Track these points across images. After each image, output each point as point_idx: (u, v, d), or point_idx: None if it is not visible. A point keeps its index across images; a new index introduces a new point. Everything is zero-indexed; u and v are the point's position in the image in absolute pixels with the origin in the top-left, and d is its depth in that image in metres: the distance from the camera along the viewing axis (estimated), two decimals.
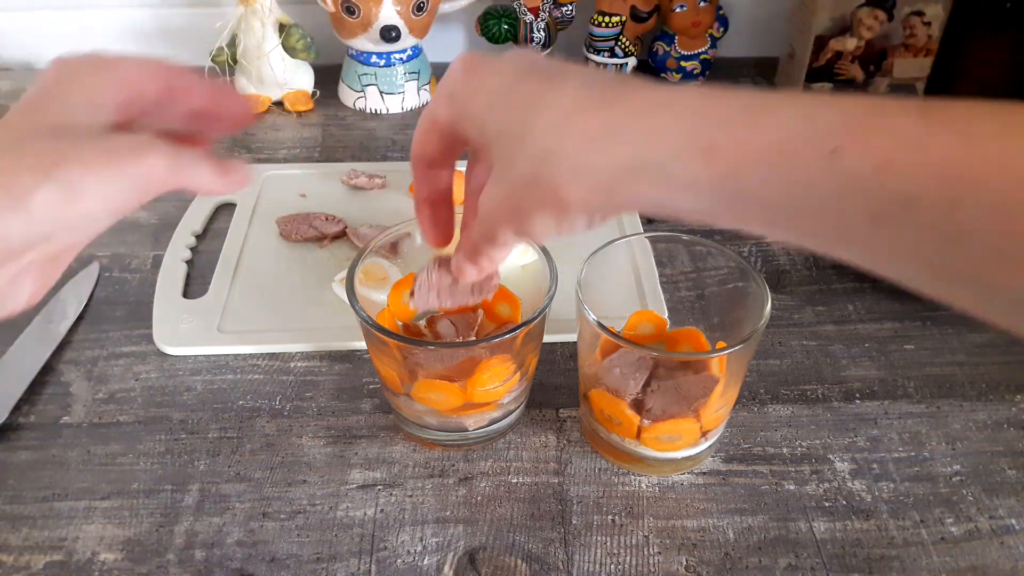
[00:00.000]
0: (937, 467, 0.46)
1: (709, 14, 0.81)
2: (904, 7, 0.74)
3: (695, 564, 0.41)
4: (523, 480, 0.46)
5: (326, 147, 0.76)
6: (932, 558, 0.42)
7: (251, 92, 0.80)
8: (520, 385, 0.46)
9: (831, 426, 0.49)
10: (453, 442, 0.47)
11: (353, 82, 0.81)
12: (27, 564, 0.41)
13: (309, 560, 0.42)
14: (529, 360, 0.45)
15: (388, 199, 0.67)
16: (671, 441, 0.44)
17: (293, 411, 0.50)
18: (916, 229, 0.22)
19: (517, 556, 0.42)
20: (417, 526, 0.43)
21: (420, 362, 0.43)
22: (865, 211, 0.22)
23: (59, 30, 0.86)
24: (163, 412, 0.49)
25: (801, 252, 0.62)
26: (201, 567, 0.41)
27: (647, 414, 0.43)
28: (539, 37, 0.81)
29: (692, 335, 0.48)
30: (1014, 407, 0.50)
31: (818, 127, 0.23)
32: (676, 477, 0.46)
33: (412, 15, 0.75)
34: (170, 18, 0.86)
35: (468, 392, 0.43)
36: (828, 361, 0.53)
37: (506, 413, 0.46)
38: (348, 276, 0.43)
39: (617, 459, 0.46)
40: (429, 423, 0.45)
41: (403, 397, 0.45)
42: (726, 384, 0.42)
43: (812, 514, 0.44)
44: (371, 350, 0.45)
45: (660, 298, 0.54)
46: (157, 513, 0.44)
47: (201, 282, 0.58)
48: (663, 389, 0.43)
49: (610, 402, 0.43)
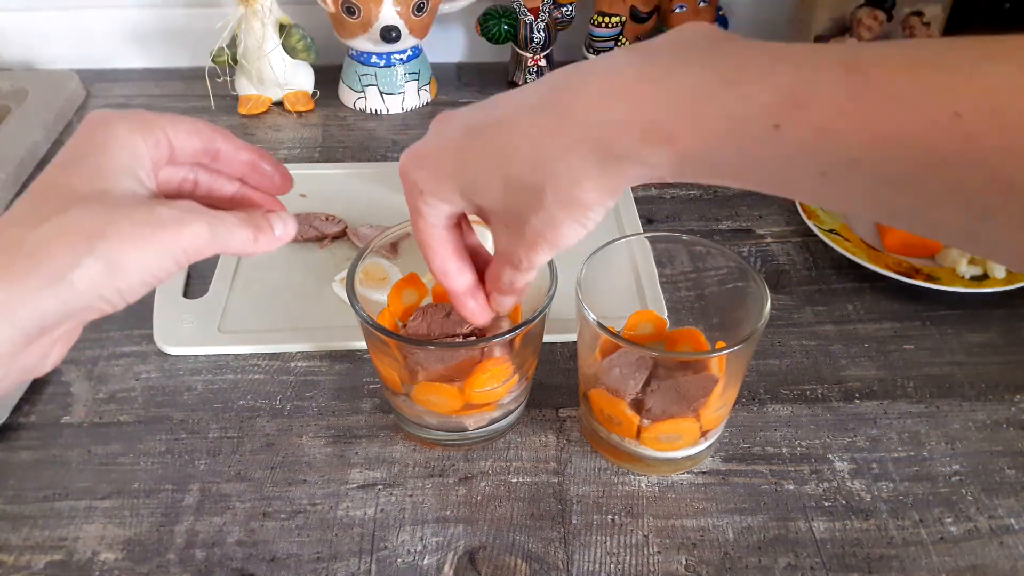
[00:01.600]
0: (936, 467, 0.46)
1: (709, 14, 0.81)
2: (904, 7, 0.74)
3: (695, 564, 0.42)
4: (523, 480, 0.46)
5: (326, 147, 0.76)
6: (931, 558, 0.42)
7: (251, 92, 0.80)
8: (519, 386, 0.46)
9: (831, 426, 0.49)
10: (453, 442, 0.47)
11: (353, 82, 0.81)
12: (27, 564, 0.41)
13: (309, 560, 0.42)
14: (528, 361, 0.45)
15: (388, 199, 0.67)
16: (671, 441, 0.44)
17: (293, 411, 0.50)
18: (861, 180, 0.25)
19: (517, 556, 0.42)
20: (417, 526, 0.43)
21: (420, 362, 0.43)
22: (814, 171, 0.25)
23: (59, 30, 0.86)
24: (163, 412, 0.50)
25: (801, 252, 0.62)
26: (201, 567, 0.41)
27: (647, 414, 0.43)
28: (539, 37, 0.81)
29: (692, 335, 0.48)
30: (1013, 407, 0.50)
31: (757, 108, 0.25)
32: (676, 477, 0.46)
33: (412, 15, 0.75)
34: (170, 18, 0.86)
35: (467, 393, 0.43)
36: (827, 361, 0.53)
37: (506, 413, 0.46)
38: (348, 276, 0.43)
39: (617, 459, 0.46)
40: (429, 423, 0.46)
41: (403, 397, 0.45)
42: (726, 384, 0.43)
43: (812, 514, 0.44)
44: (371, 350, 0.45)
45: (660, 298, 0.54)
46: (158, 513, 0.44)
47: (201, 282, 0.58)
48: (663, 389, 0.43)
49: (610, 402, 0.43)
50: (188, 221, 0.30)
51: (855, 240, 0.60)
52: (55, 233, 0.28)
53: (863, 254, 0.58)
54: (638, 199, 0.67)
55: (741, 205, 0.67)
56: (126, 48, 0.88)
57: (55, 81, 0.81)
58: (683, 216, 0.66)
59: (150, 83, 0.86)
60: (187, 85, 0.85)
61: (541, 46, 0.82)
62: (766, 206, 0.67)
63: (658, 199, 0.68)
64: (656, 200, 0.68)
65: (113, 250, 0.28)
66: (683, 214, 0.67)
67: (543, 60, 0.83)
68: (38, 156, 0.73)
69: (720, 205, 0.68)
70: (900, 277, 0.56)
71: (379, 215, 0.64)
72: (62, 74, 0.82)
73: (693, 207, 0.67)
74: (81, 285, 0.28)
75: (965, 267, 0.57)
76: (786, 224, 0.65)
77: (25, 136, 0.72)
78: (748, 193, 0.69)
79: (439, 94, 0.85)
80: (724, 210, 0.67)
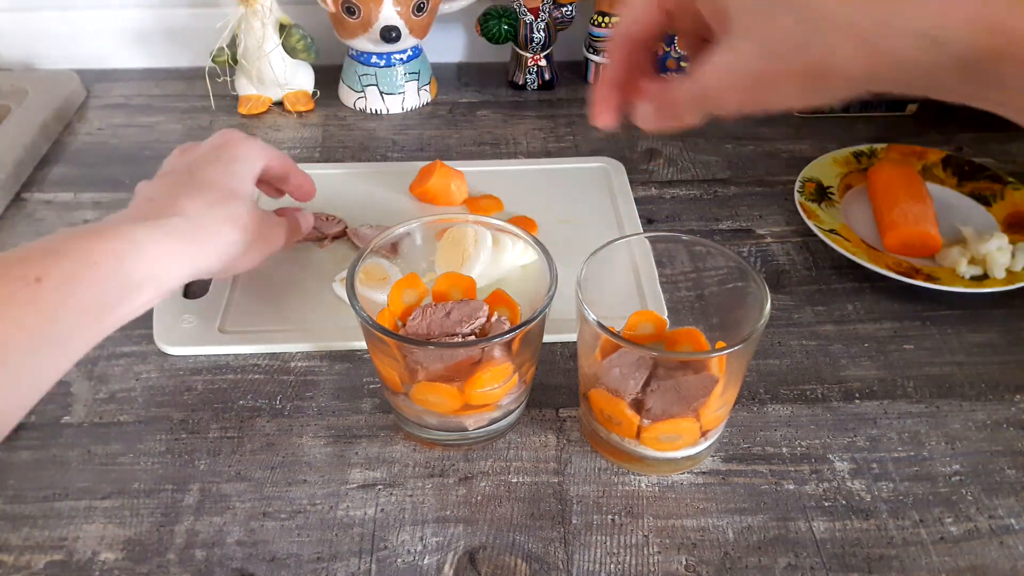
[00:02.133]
0: (936, 467, 0.46)
1: None
2: None
3: (695, 564, 0.42)
4: (523, 480, 0.46)
5: (326, 147, 0.76)
6: (932, 558, 0.42)
7: (251, 92, 0.80)
8: (519, 387, 0.46)
9: (831, 426, 0.49)
10: (453, 442, 0.47)
11: (353, 82, 0.81)
12: (28, 564, 0.41)
13: (309, 560, 0.42)
14: (528, 363, 0.45)
15: (388, 199, 0.67)
16: (671, 441, 0.44)
17: (293, 411, 0.50)
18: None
19: (517, 556, 0.42)
20: (417, 526, 0.43)
21: (420, 361, 0.43)
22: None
23: (59, 30, 0.86)
24: (163, 412, 0.50)
25: (801, 252, 0.62)
26: (201, 567, 0.41)
27: (647, 414, 0.43)
28: (539, 37, 0.81)
29: (692, 335, 0.48)
30: (1013, 407, 0.50)
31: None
32: (676, 477, 0.46)
33: (412, 15, 0.75)
34: (170, 18, 0.86)
35: (467, 394, 0.43)
36: (827, 361, 0.53)
37: (506, 413, 0.46)
38: (348, 276, 0.43)
39: (617, 459, 0.46)
40: (429, 423, 0.46)
41: (403, 397, 0.45)
42: (725, 384, 0.42)
43: (812, 514, 0.44)
44: (371, 350, 0.45)
45: (660, 298, 0.54)
46: (158, 513, 0.44)
47: (201, 282, 0.58)
48: (663, 389, 0.43)
49: (610, 402, 0.43)
50: (282, 230, 0.52)
51: (855, 240, 0.60)
52: (221, 219, 0.45)
53: (863, 254, 0.58)
54: (638, 199, 0.67)
55: (741, 205, 0.67)
56: (126, 48, 0.88)
57: (55, 81, 0.81)
58: (683, 216, 0.66)
59: (150, 83, 0.86)
60: (187, 85, 0.85)
61: (541, 46, 0.82)
62: (766, 206, 0.67)
63: (658, 199, 0.68)
64: (656, 200, 0.68)
65: (250, 240, 0.47)
66: (683, 214, 0.67)
67: (543, 60, 0.83)
68: (38, 156, 0.73)
69: (720, 205, 0.68)
70: (900, 277, 0.56)
71: (379, 215, 0.64)
72: (62, 74, 0.82)
73: (693, 207, 0.67)
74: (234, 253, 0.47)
75: (965, 267, 0.57)
76: (786, 224, 0.65)
77: (25, 136, 0.72)
78: (748, 193, 0.69)
79: (439, 94, 0.85)
80: (724, 210, 0.67)
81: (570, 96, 0.84)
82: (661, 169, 0.72)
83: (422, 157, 0.74)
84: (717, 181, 0.71)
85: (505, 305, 0.48)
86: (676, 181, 0.71)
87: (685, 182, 0.71)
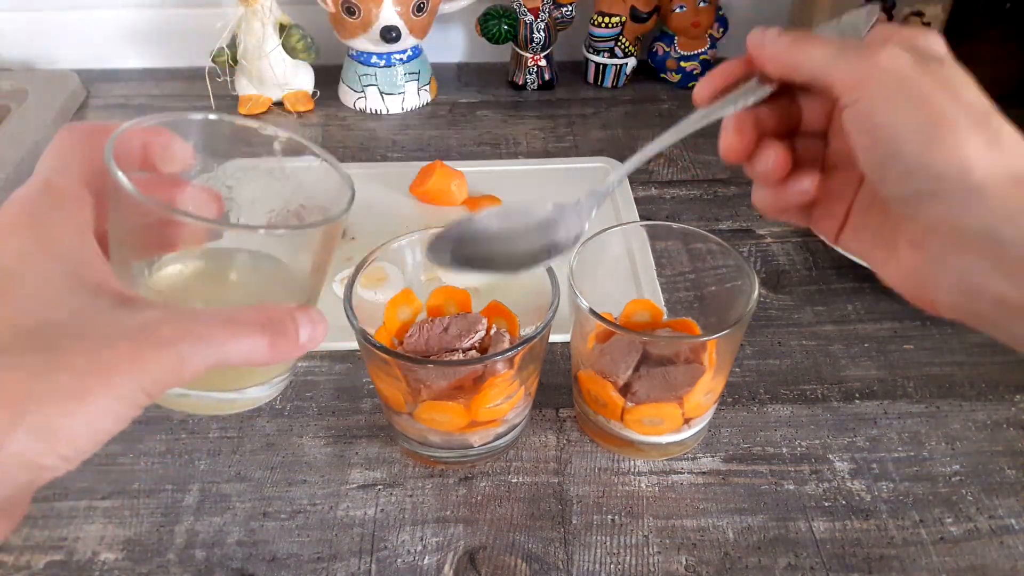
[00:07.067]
0: (936, 467, 0.46)
1: (709, 15, 0.82)
2: (904, 7, 0.74)
3: (695, 564, 0.42)
4: (523, 480, 0.46)
5: (326, 147, 0.75)
6: (932, 558, 0.42)
7: (251, 92, 0.80)
8: (524, 400, 0.45)
9: (831, 426, 0.49)
10: (456, 459, 0.46)
11: (353, 83, 0.81)
12: (28, 564, 0.41)
13: (309, 560, 0.42)
14: (532, 375, 0.45)
15: (388, 199, 0.67)
16: (654, 425, 0.44)
17: (293, 411, 0.50)
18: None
19: (517, 556, 0.42)
20: (417, 526, 0.43)
21: (422, 379, 0.42)
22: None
23: (59, 30, 0.86)
24: (163, 412, 0.49)
25: (801, 252, 0.62)
26: (201, 567, 0.41)
27: (632, 397, 0.43)
28: (539, 37, 0.81)
29: (686, 326, 0.48)
30: (1013, 407, 0.50)
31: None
32: (676, 477, 0.46)
33: (412, 15, 0.75)
34: (170, 18, 0.86)
35: (473, 411, 0.42)
36: (828, 361, 0.53)
37: (510, 428, 0.46)
38: (345, 298, 0.42)
39: (606, 442, 0.47)
40: (432, 441, 0.45)
41: (406, 417, 0.44)
42: (713, 374, 0.43)
43: (812, 514, 0.44)
44: (371, 370, 0.44)
45: (656, 287, 0.54)
46: (158, 513, 0.44)
47: None
48: (651, 375, 0.44)
49: (596, 383, 0.43)
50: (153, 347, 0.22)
51: None
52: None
53: None
54: (638, 199, 0.67)
55: (741, 205, 0.67)
56: (126, 48, 0.88)
57: (55, 81, 0.81)
58: (683, 216, 0.66)
59: (150, 83, 0.86)
60: (187, 85, 0.85)
61: (541, 46, 0.82)
62: None
63: (658, 199, 0.68)
64: (656, 200, 0.68)
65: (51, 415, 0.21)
66: (683, 214, 0.67)
67: (543, 60, 0.83)
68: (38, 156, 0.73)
69: (720, 205, 0.68)
70: None
71: (379, 215, 0.64)
72: (62, 74, 0.82)
73: (693, 207, 0.67)
74: (12, 464, 0.20)
75: None
76: (786, 224, 0.65)
77: (25, 136, 0.72)
78: (748, 193, 0.69)
79: (439, 94, 0.85)
80: (724, 210, 0.67)
81: (570, 96, 0.84)
82: (661, 169, 0.72)
83: (422, 157, 0.74)
84: (717, 181, 0.71)
85: (503, 316, 0.48)
86: (676, 181, 0.71)
87: (685, 182, 0.71)
